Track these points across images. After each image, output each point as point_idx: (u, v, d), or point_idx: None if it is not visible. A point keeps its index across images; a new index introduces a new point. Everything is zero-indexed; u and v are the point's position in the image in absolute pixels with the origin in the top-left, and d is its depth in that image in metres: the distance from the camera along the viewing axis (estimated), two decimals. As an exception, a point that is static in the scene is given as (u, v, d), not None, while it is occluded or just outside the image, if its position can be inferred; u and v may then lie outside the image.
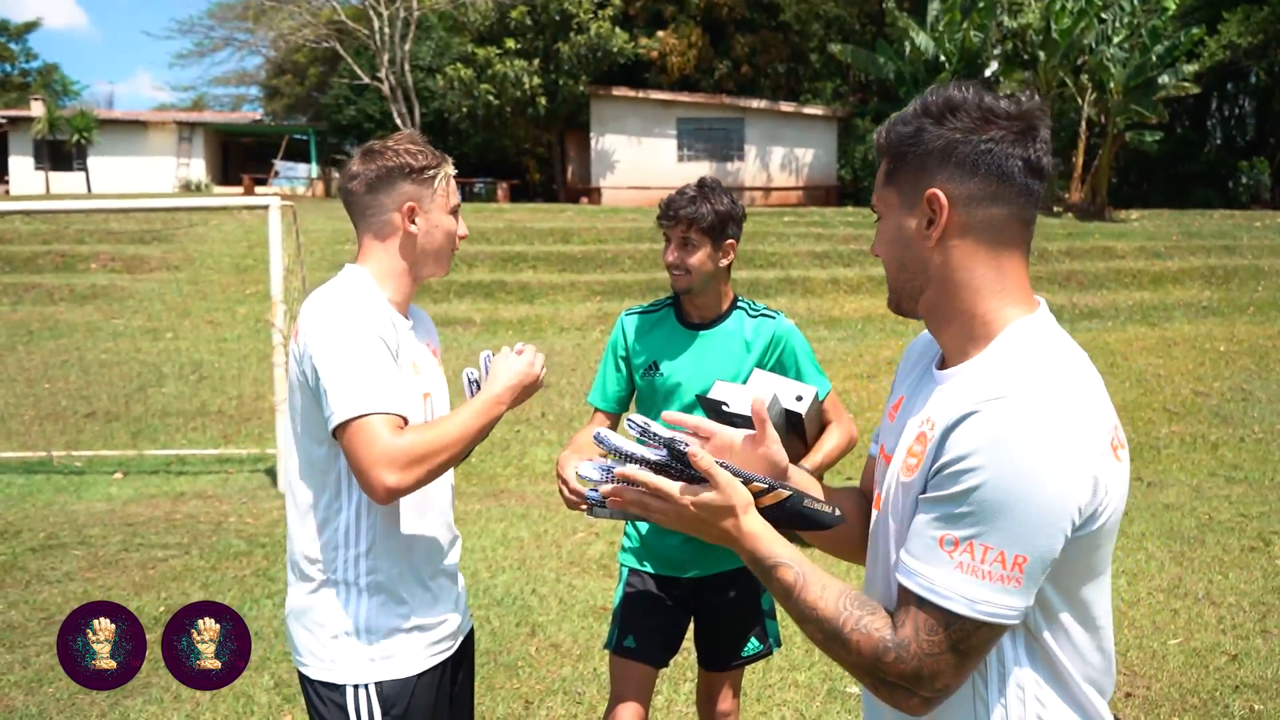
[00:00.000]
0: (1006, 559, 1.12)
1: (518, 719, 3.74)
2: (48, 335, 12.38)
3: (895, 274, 1.32)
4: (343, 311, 1.84)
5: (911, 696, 1.18)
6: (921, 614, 1.16)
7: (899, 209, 1.29)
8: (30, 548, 5.99)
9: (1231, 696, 3.86)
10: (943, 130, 1.23)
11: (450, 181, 2.01)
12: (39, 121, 29.68)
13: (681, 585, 2.65)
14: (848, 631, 1.20)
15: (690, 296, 2.62)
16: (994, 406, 1.14)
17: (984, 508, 1.12)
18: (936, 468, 1.18)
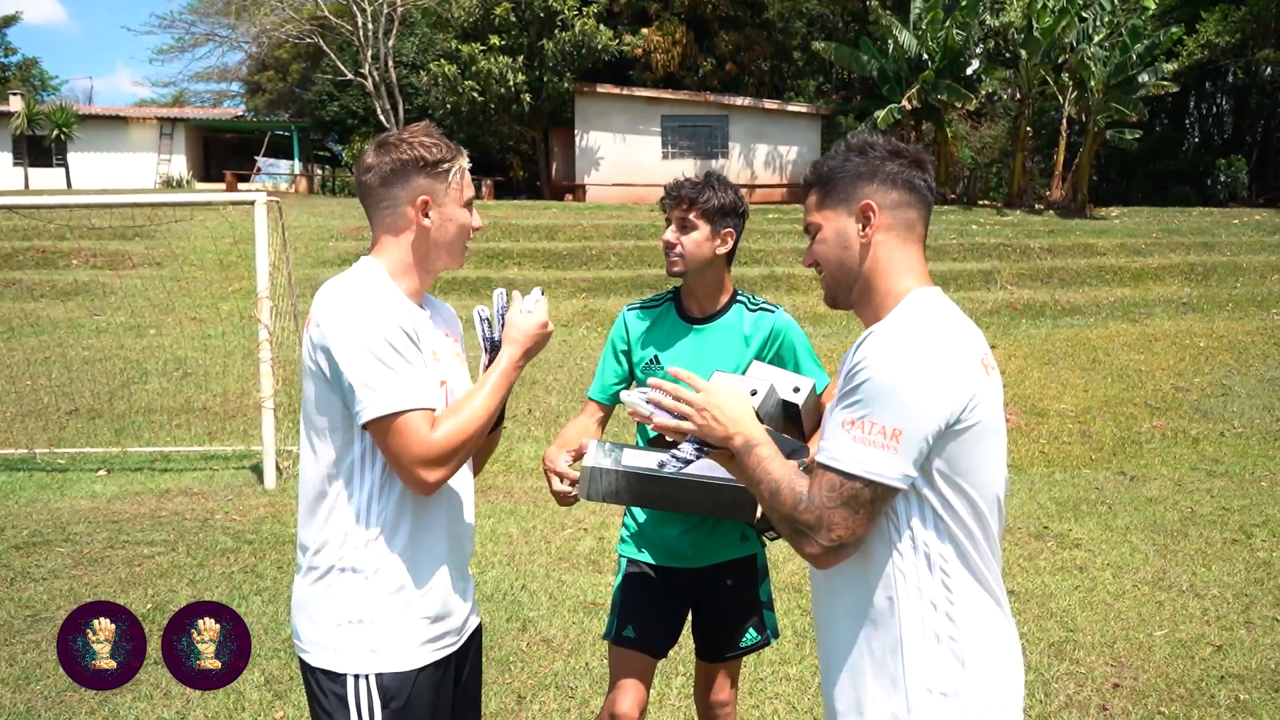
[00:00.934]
0: (887, 430, 1.50)
1: (510, 714, 3.74)
2: (29, 332, 12.27)
3: (835, 272, 1.72)
4: (363, 304, 1.85)
5: (811, 543, 1.54)
6: (825, 476, 1.53)
7: (838, 219, 1.70)
8: (14, 545, 5.94)
9: (1217, 686, 3.91)
10: (866, 159, 1.70)
11: (464, 174, 2.01)
12: (18, 117, 29.37)
13: (680, 575, 2.66)
14: (783, 489, 1.57)
15: (689, 287, 2.62)
16: (881, 328, 1.58)
17: (871, 394, 1.51)
18: (844, 378, 1.58)
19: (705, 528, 2.61)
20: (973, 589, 1.59)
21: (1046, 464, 8.60)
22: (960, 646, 1.56)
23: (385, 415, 1.78)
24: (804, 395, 2.21)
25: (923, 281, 1.69)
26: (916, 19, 23.67)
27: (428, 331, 1.97)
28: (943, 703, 1.56)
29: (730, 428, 1.67)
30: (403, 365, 1.81)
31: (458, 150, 2.01)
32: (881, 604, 1.59)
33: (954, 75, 23.72)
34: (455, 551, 2.00)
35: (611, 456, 2.25)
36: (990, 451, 1.60)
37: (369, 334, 1.80)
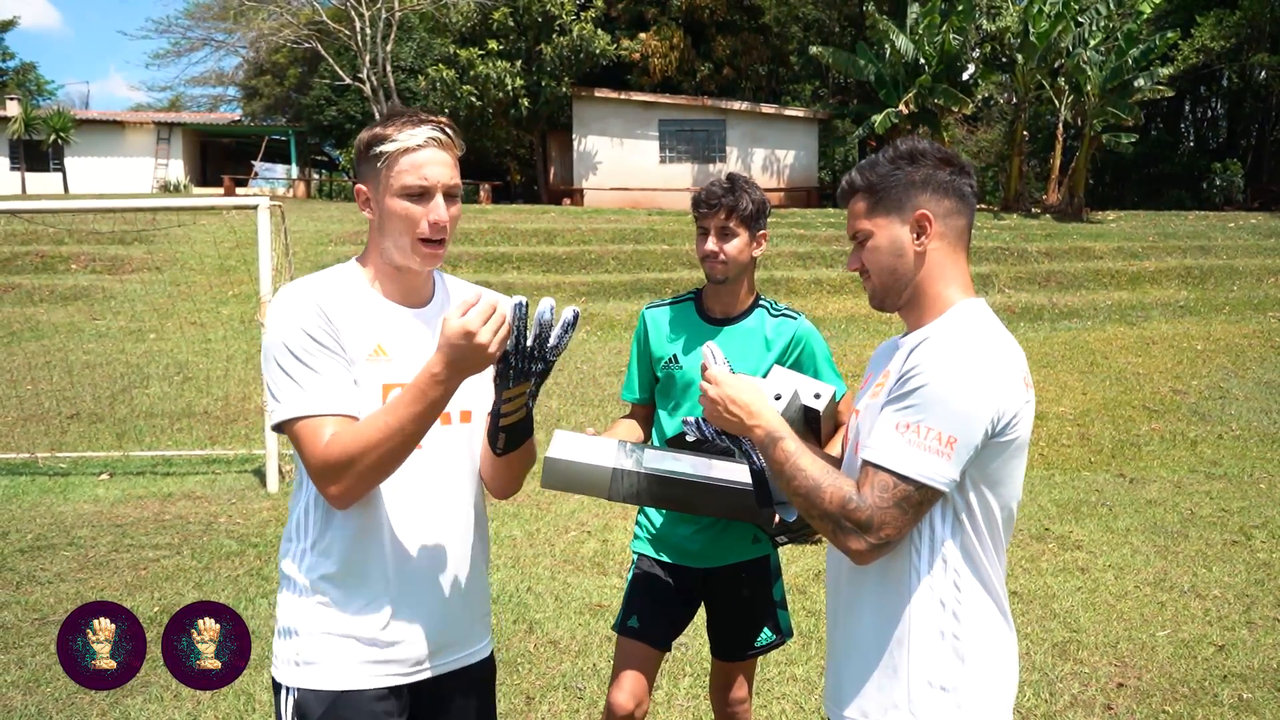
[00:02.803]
0: (941, 437, 1.55)
1: (520, 714, 3.76)
2: (29, 336, 12.27)
3: (886, 279, 1.74)
4: (279, 307, 1.74)
5: (861, 540, 1.58)
6: (878, 476, 1.57)
7: (891, 227, 1.72)
8: (19, 549, 5.95)
9: (1220, 686, 3.94)
10: (917, 167, 1.72)
11: (405, 157, 1.75)
12: (15, 121, 29.34)
13: (693, 575, 2.69)
14: (825, 487, 1.60)
15: (718, 289, 2.65)
16: (937, 334, 1.64)
17: (927, 400, 1.56)
18: (896, 380, 1.62)
19: (718, 528, 2.64)
20: (979, 592, 1.65)
21: (1046, 466, 8.63)
22: (962, 645, 1.63)
23: (283, 421, 1.69)
24: (824, 402, 2.24)
25: (969, 291, 1.74)
26: (913, 24, 23.77)
27: (371, 329, 1.79)
28: (941, 696, 1.62)
29: (747, 419, 1.73)
30: (301, 370, 1.68)
31: (407, 125, 1.77)
32: (893, 598, 1.66)
33: (950, 80, 23.82)
34: (406, 578, 1.80)
35: (633, 457, 2.27)
36: (1017, 466, 1.67)
37: (276, 338, 1.71)
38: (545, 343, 1.69)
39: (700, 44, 30.02)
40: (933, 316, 1.71)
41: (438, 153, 1.76)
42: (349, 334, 1.75)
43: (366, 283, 1.83)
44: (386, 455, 1.64)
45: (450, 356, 1.60)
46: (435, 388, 1.62)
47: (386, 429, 1.62)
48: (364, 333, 1.77)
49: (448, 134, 1.78)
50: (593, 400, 10.49)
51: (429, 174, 1.75)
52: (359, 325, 1.77)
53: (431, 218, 1.75)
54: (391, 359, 1.78)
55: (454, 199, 1.81)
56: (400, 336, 1.81)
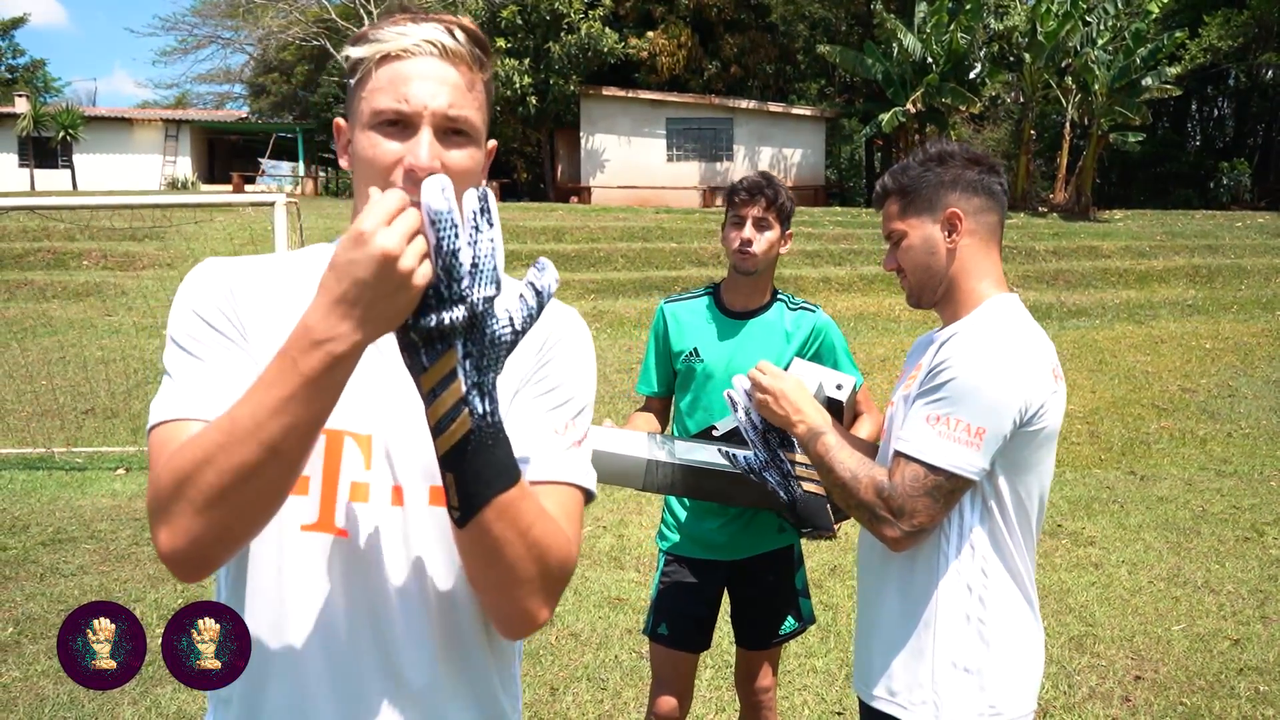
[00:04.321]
0: (971, 428, 1.60)
1: (544, 704, 3.81)
2: (43, 332, 12.34)
3: (921, 276, 1.81)
4: (184, 281, 1.20)
5: (894, 528, 1.65)
6: (909, 467, 1.64)
7: (924, 226, 1.79)
8: (40, 542, 6.01)
9: (1236, 679, 3.98)
10: (946, 168, 1.79)
11: (387, 69, 1.12)
12: (24, 118, 29.45)
13: (719, 568, 2.73)
14: (861, 477, 1.69)
15: (740, 283, 2.68)
16: (965, 329, 1.69)
17: (956, 393, 1.62)
18: (926, 374, 1.69)
19: (743, 520, 2.68)
20: (1005, 579, 1.71)
21: (1057, 464, 8.62)
22: (987, 629, 1.68)
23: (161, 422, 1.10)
24: (846, 393, 2.29)
25: (1001, 286, 1.81)
26: (921, 22, 23.78)
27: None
28: (964, 678, 1.68)
29: (792, 415, 1.83)
30: (178, 365, 1.13)
31: (400, 22, 1.14)
32: (922, 581, 1.72)
33: (958, 79, 23.83)
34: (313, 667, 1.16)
35: (665, 449, 2.31)
36: (1046, 455, 1.74)
37: (169, 327, 1.18)
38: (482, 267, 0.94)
39: (708, 42, 30.06)
40: (966, 311, 1.77)
41: (436, 65, 1.12)
42: (265, 322, 1.16)
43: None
44: (233, 477, 0.96)
45: (338, 290, 0.91)
46: (311, 353, 0.93)
47: (230, 429, 0.96)
48: (289, 324, 1.05)
49: (458, 38, 1.13)
50: (603, 397, 10.54)
51: (413, 92, 1.10)
52: (285, 313, 1.14)
53: (409, 160, 1.09)
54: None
55: (460, 140, 1.13)
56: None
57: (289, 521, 1.15)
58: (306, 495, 1.15)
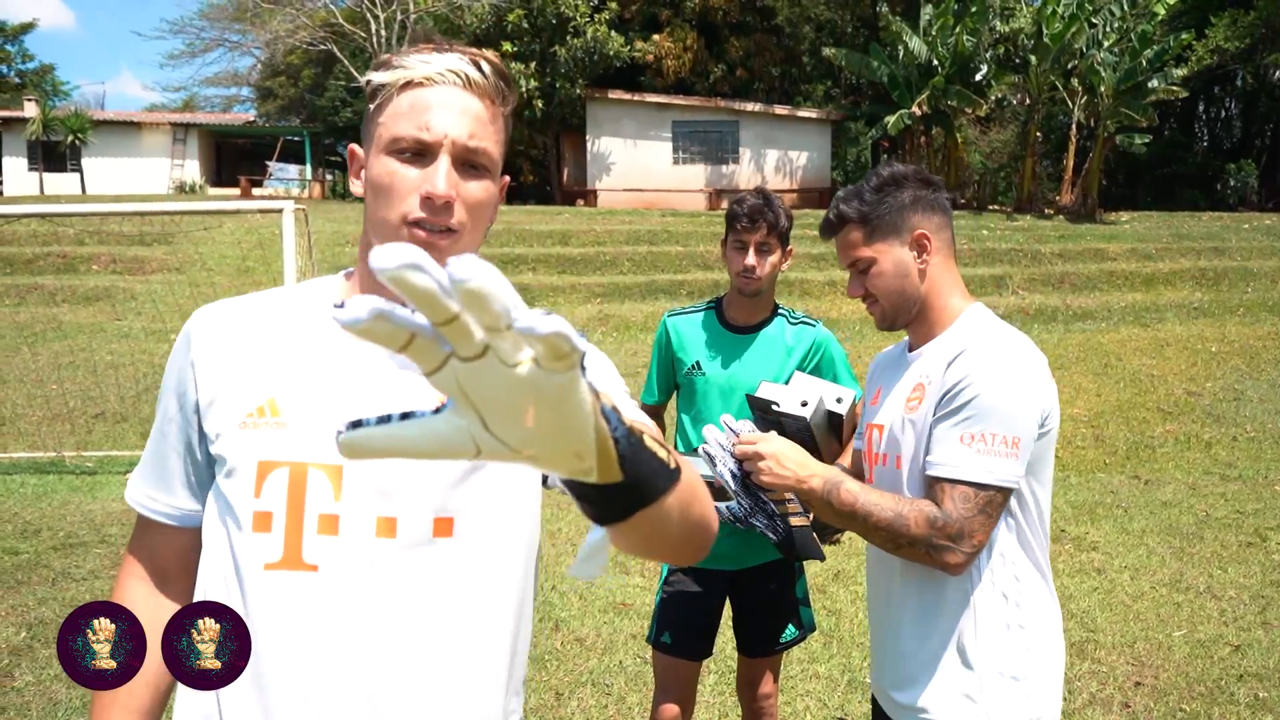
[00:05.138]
0: (1008, 440, 1.63)
1: (550, 709, 3.86)
2: (53, 336, 12.44)
3: (896, 300, 1.82)
4: (193, 322, 1.24)
5: (956, 553, 1.63)
6: (957, 489, 1.63)
7: (892, 250, 1.80)
8: (52, 546, 6.07)
9: (1237, 685, 4.01)
10: (903, 191, 1.81)
11: (409, 95, 1.12)
12: (33, 122, 29.60)
13: (721, 578, 2.78)
14: (906, 514, 1.64)
15: (741, 300, 2.73)
16: (975, 345, 1.70)
17: (983, 409, 1.63)
18: (943, 395, 1.68)
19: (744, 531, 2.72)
20: (1036, 579, 1.75)
21: (1061, 468, 8.69)
22: (1027, 634, 1.71)
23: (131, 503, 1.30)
24: (846, 406, 2.33)
25: (967, 296, 1.86)
26: (926, 25, 23.80)
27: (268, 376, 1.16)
28: (1012, 685, 1.70)
29: (800, 472, 1.73)
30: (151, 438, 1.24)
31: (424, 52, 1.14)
32: (954, 594, 1.72)
33: (964, 81, 23.83)
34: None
35: None
36: (1050, 454, 1.79)
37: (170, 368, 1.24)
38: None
39: (713, 45, 30.12)
40: (944, 326, 1.81)
41: (459, 95, 1.12)
42: (229, 387, 1.16)
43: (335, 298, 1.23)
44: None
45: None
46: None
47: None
48: (253, 382, 1.16)
49: (483, 70, 1.14)
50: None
51: (435, 121, 1.11)
52: (251, 370, 1.16)
53: (426, 188, 1.10)
54: (283, 421, 1.14)
55: (477, 172, 1.14)
56: (315, 384, 1.16)
57: (251, 562, 1.13)
58: (269, 532, 1.13)
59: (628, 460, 0.75)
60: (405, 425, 0.69)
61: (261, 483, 1.14)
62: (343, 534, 1.12)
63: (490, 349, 0.61)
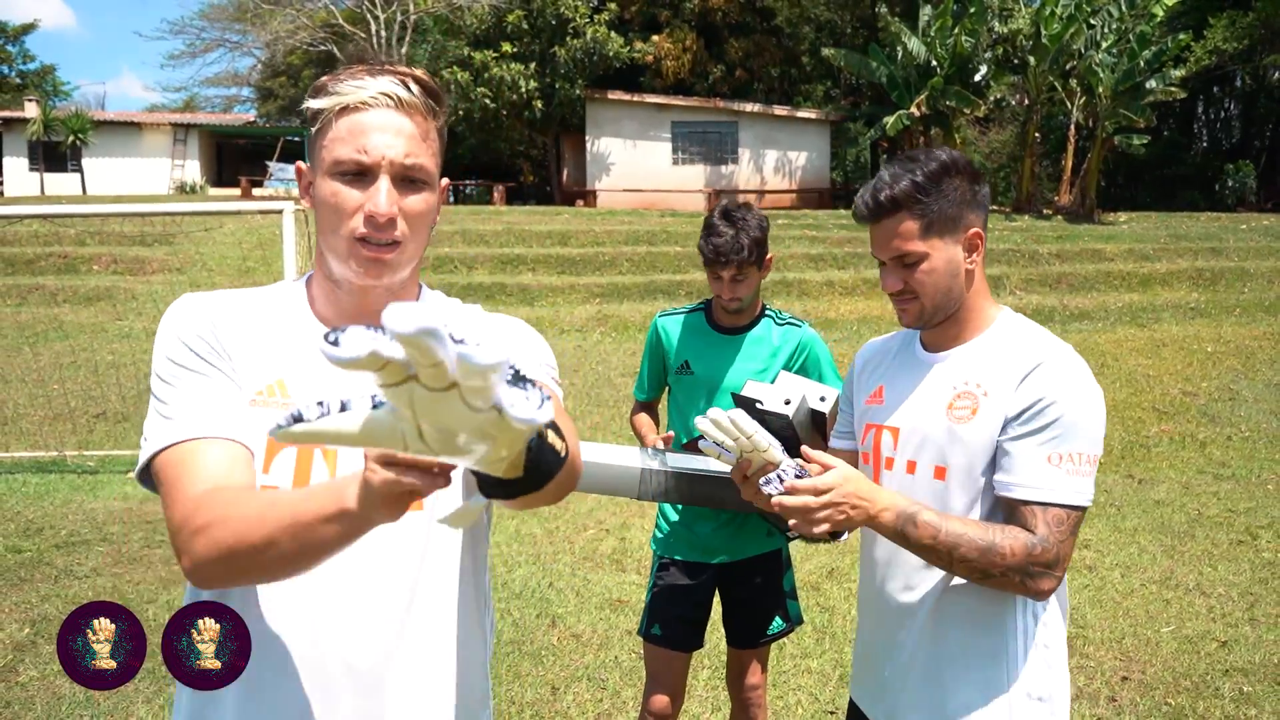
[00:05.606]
0: (1090, 458, 1.58)
1: (545, 704, 3.92)
2: (54, 336, 12.50)
3: (941, 300, 1.69)
4: (166, 315, 1.29)
5: (1050, 579, 1.57)
6: (1049, 513, 1.56)
7: (947, 248, 1.67)
8: (54, 544, 6.14)
9: (1222, 680, 4.07)
10: (963, 182, 1.67)
11: (346, 120, 1.22)
12: (34, 123, 29.66)
13: (709, 570, 2.85)
14: (1000, 543, 1.56)
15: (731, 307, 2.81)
16: (1051, 359, 1.61)
17: (1069, 428, 1.57)
18: (1022, 412, 1.60)
19: (734, 525, 2.79)
20: (1055, 597, 1.70)
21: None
22: (1050, 653, 1.68)
23: (147, 463, 1.22)
24: (829, 404, 2.39)
25: (991, 298, 1.78)
26: (925, 26, 23.86)
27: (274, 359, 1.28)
28: (1039, 707, 1.66)
29: (873, 507, 1.59)
30: (174, 393, 1.22)
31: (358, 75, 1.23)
32: (991, 615, 1.66)
33: (962, 81, 23.89)
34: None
35: (658, 459, 2.43)
36: None
37: (154, 359, 1.27)
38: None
39: (713, 46, 30.20)
40: (976, 329, 1.73)
41: (392, 116, 1.21)
42: (242, 361, 1.27)
43: (303, 299, 1.34)
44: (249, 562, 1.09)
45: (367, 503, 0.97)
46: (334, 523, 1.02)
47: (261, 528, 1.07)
48: (262, 363, 1.27)
49: (412, 90, 1.22)
50: (608, 401, 10.65)
51: (371, 144, 1.20)
52: (259, 352, 1.28)
53: (369, 206, 1.20)
54: (291, 402, 1.26)
55: (414, 186, 1.24)
56: (316, 372, 1.28)
57: None
58: None
59: (532, 462, 0.90)
60: (343, 418, 0.78)
61: (271, 459, 1.25)
62: None
63: (457, 387, 0.71)
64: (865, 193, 1.70)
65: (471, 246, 17.34)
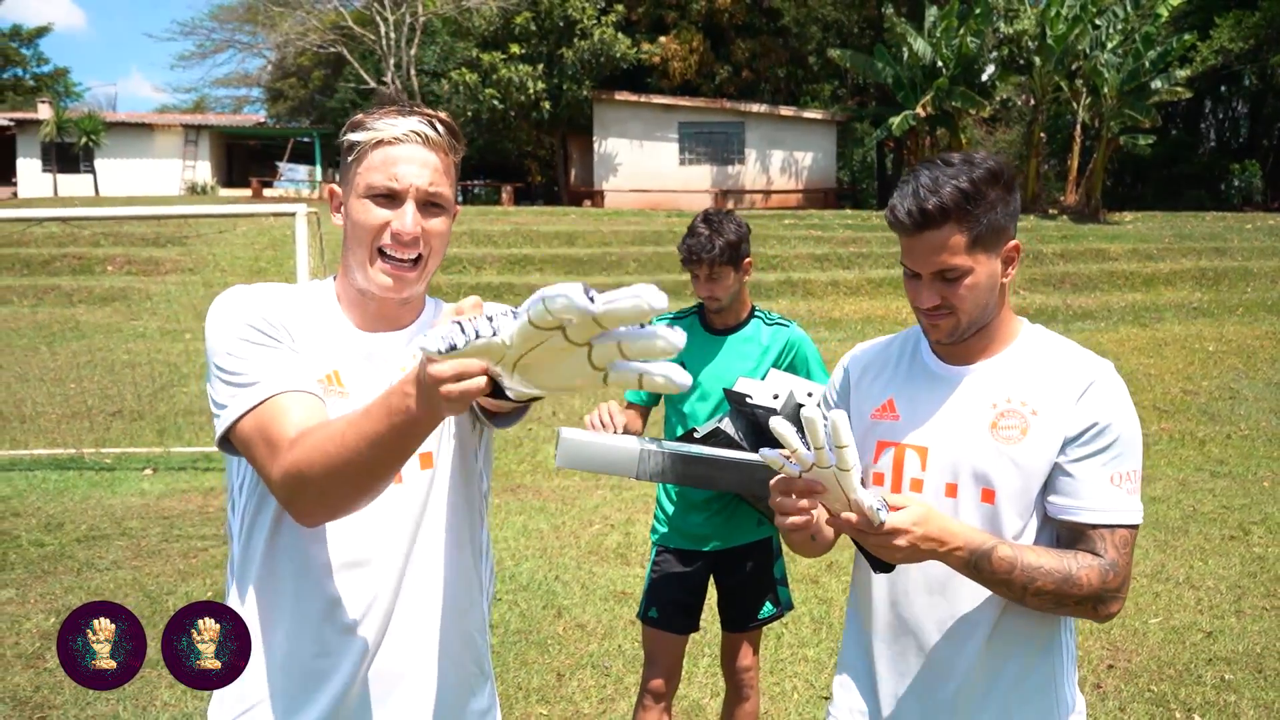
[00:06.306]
0: (1139, 475, 1.57)
1: (551, 689, 4.08)
2: (70, 336, 12.72)
3: (977, 315, 1.58)
4: (218, 303, 1.45)
5: (1118, 602, 1.54)
6: (1116, 535, 1.53)
7: (990, 263, 1.56)
8: (75, 539, 6.32)
9: (1205, 668, 4.21)
10: (1007, 194, 1.57)
11: (380, 152, 1.44)
12: (47, 124, 29.93)
13: (703, 557, 3.01)
14: (1077, 572, 1.51)
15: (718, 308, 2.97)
16: (1101, 377, 1.57)
17: (1126, 447, 1.55)
18: (1082, 432, 1.54)
19: (726, 514, 2.96)
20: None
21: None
22: (1076, 666, 1.69)
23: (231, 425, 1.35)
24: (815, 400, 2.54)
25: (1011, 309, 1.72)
26: (931, 26, 23.96)
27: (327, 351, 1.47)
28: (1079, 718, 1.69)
29: (943, 547, 1.46)
30: (245, 364, 1.37)
31: (390, 115, 1.46)
32: (1047, 638, 1.63)
33: (968, 82, 23.99)
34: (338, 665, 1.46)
35: (656, 442, 2.60)
36: None
37: (214, 341, 1.40)
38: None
39: (719, 47, 30.33)
40: (1003, 342, 1.64)
41: (420, 151, 1.44)
42: (301, 346, 1.44)
43: (333, 300, 1.53)
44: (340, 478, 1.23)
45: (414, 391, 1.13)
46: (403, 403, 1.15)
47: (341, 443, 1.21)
48: (316, 352, 1.45)
49: (438, 130, 1.46)
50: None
51: (401, 173, 1.42)
52: (311, 342, 1.46)
53: (395, 225, 1.42)
54: (348, 393, 1.44)
55: (436, 211, 1.47)
56: (361, 366, 1.48)
57: None
58: None
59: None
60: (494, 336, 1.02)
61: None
62: None
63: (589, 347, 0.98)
64: (907, 200, 1.53)
65: (480, 247, 17.52)
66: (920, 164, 1.58)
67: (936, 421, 1.63)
